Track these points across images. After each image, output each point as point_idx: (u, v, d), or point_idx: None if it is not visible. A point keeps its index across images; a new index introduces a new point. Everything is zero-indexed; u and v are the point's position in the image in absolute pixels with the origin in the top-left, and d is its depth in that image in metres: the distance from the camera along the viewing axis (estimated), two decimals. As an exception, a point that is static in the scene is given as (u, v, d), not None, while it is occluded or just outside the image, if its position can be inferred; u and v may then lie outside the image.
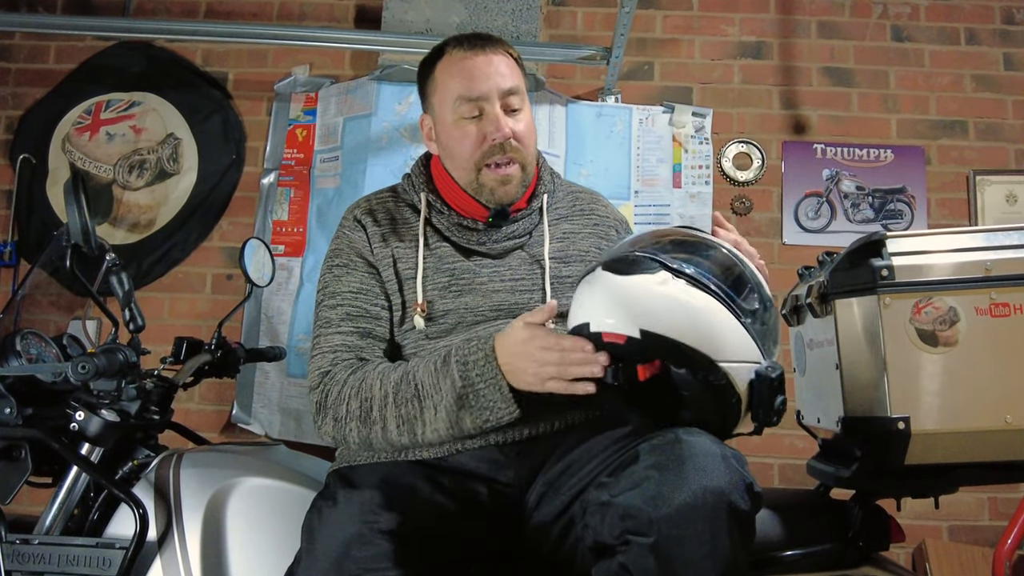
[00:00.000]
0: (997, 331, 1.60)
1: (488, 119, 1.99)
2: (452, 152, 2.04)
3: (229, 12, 4.30)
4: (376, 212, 2.10)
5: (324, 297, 2.04)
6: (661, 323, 1.54)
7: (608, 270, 1.61)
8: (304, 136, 4.13)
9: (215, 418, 3.93)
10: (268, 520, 2.01)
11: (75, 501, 2.06)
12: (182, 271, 4.08)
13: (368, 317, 1.99)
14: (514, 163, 2.01)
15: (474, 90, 1.99)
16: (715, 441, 1.55)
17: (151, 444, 2.22)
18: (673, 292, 1.55)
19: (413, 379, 1.80)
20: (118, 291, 2.11)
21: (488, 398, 1.71)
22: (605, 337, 1.57)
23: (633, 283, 1.57)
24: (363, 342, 1.97)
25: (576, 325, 1.63)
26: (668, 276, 1.56)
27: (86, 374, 1.92)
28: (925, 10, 4.18)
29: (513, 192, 2.03)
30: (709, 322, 1.55)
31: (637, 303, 1.56)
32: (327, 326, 1.99)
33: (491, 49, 2.04)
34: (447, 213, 2.05)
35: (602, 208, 2.23)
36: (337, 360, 1.93)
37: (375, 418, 1.81)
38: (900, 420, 1.59)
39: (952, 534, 3.72)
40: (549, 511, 1.75)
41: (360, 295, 2.01)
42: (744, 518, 1.49)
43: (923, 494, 1.80)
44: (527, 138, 2.04)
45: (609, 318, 1.57)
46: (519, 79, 2.06)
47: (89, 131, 4.19)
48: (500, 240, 2.05)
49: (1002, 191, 3.98)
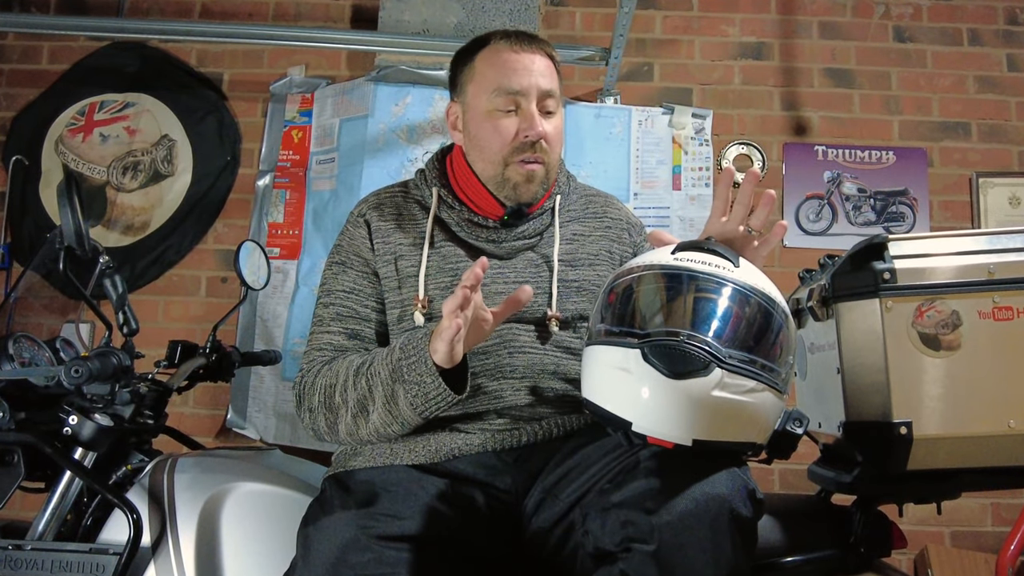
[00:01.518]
0: (1000, 335, 1.60)
1: (524, 115, 2.00)
2: (480, 143, 2.04)
3: (224, 12, 4.30)
4: (384, 206, 2.11)
5: (321, 294, 2.08)
6: (716, 430, 1.47)
7: (654, 366, 1.45)
8: (300, 137, 4.13)
9: (209, 422, 3.93)
10: (263, 526, 2.01)
11: (68, 506, 2.05)
12: (176, 274, 4.08)
13: (357, 318, 2.01)
14: (541, 163, 2.02)
15: (515, 83, 2.00)
16: (716, 447, 1.54)
17: (145, 449, 2.22)
18: (730, 396, 1.45)
19: (368, 363, 1.83)
20: (112, 294, 2.11)
21: (416, 371, 1.72)
22: (651, 440, 1.48)
23: (686, 389, 1.44)
24: (349, 343, 2.00)
25: (613, 416, 1.51)
26: (723, 375, 1.44)
27: (79, 378, 1.91)
28: (927, 10, 4.19)
29: (534, 191, 2.03)
30: (760, 413, 1.51)
31: (691, 412, 1.44)
32: (319, 324, 2.04)
33: (536, 49, 2.06)
34: (458, 208, 2.06)
35: (615, 211, 2.23)
36: (322, 358, 1.97)
37: (338, 403, 1.85)
38: (902, 425, 1.58)
39: (954, 540, 3.72)
40: (548, 517, 1.74)
41: (352, 295, 2.03)
42: (746, 524, 1.48)
43: (925, 499, 1.80)
44: (555, 142, 2.06)
45: (658, 424, 1.47)
46: (556, 84, 2.08)
47: (83, 132, 4.19)
48: (510, 240, 2.06)
49: (1005, 193, 3.98)
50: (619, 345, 1.53)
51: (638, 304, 1.59)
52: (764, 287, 1.57)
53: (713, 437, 1.47)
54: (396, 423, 1.80)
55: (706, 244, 1.62)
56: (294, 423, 3.80)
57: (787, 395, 1.56)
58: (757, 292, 1.55)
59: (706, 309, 1.52)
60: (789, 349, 1.58)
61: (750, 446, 1.53)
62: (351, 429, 1.85)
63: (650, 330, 1.51)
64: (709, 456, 1.50)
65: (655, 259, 1.61)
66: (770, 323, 1.54)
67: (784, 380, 1.55)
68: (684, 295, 1.55)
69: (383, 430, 1.82)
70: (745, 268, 1.58)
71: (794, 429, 1.55)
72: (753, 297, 1.54)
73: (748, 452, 1.54)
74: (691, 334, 1.46)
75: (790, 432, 1.55)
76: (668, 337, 1.48)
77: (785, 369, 1.55)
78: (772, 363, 1.51)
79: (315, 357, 1.99)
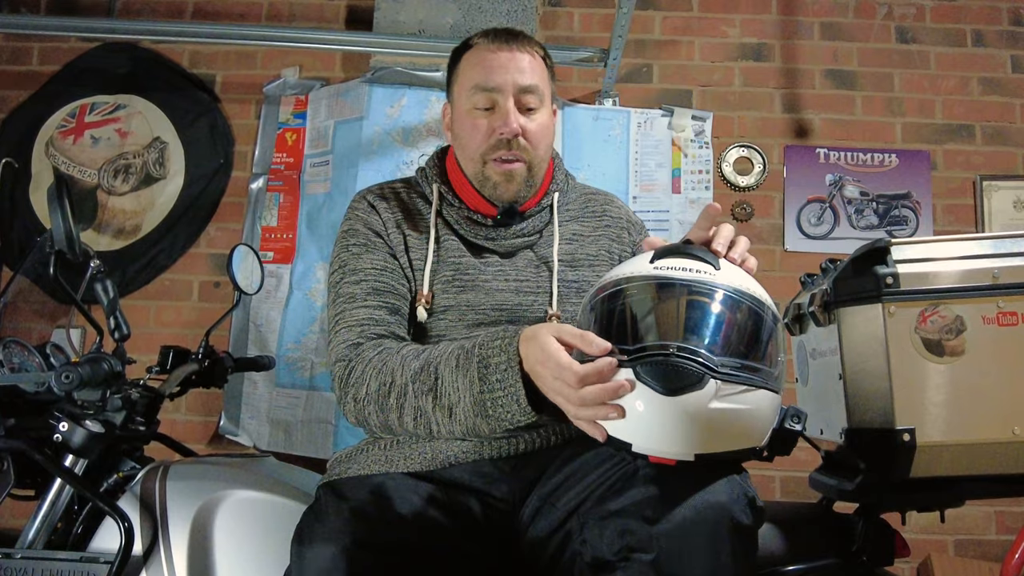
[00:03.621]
0: (1005, 341, 1.60)
1: (499, 113, 2.01)
2: (462, 141, 2.07)
3: (217, 12, 4.30)
4: (388, 199, 2.11)
5: (344, 275, 2.01)
6: (717, 442, 1.46)
7: (648, 384, 1.43)
8: (294, 140, 4.13)
9: (202, 429, 3.92)
10: (256, 534, 2.01)
11: (59, 514, 2.05)
12: (168, 278, 4.07)
13: (395, 294, 1.98)
14: (520, 161, 2.02)
15: (489, 81, 2.01)
16: (716, 453, 1.54)
17: (136, 456, 2.22)
18: (727, 406, 1.44)
19: (434, 372, 1.75)
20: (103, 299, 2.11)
21: (506, 408, 1.65)
22: (653, 459, 1.48)
23: (683, 405, 1.42)
24: (392, 318, 1.96)
25: (612, 438, 1.49)
26: (718, 385, 1.43)
27: (70, 384, 1.92)
28: (931, 11, 4.19)
29: (515, 190, 2.03)
30: (759, 417, 1.50)
31: (690, 428, 1.43)
32: (351, 301, 1.96)
33: (517, 46, 2.06)
34: (458, 206, 2.07)
35: (615, 209, 2.23)
36: (365, 334, 1.91)
37: (391, 405, 1.78)
38: (905, 432, 1.59)
39: (958, 548, 3.72)
40: (545, 526, 1.74)
41: (385, 272, 2.00)
42: (746, 533, 1.49)
43: (928, 507, 1.80)
44: (538, 139, 2.04)
45: (658, 443, 1.46)
46: (541, 79, 2.07)
47: (73, 135, 4.18)
48: (509, 237, 2.06)
49: (1010, 197, 3.98)
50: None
51: (624, 318, 1.55)
52: (748, 287, 1.56)
53: (715, 449, 1.46)
54: (465, 440, 1.83)
55: (684, 249, 1.60)
56: (288, 430, 3.80)
57: (782, 392, 1.55)
58: (742, 293, 1.54)
59: (693, 317, 1.51)
60: (780, 347, 1.58)
61: (752, 451, 1.52)
62: (401, 429, 1.81)
63: (638, 345, 1.48)
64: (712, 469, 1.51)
65: (634, 270, 1.59)
66: (758, 323, 1.54)
67: (778, 378, 1.55)
68: (668, 305, 1.54)
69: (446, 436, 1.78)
70: (726, 270, 1.57)
71: (793, 426, 1.56)
72: (738, 299, 1.53)
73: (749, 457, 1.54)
74: (681, 345, 1.44)
75: (789, 429, 1.56)
76: (658, 352, 1.45)
77: (778, 367, 1.55)
78: (765, 364, 1.51)
79: (357, 332, 1.91)
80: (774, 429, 1.55)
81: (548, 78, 2.11)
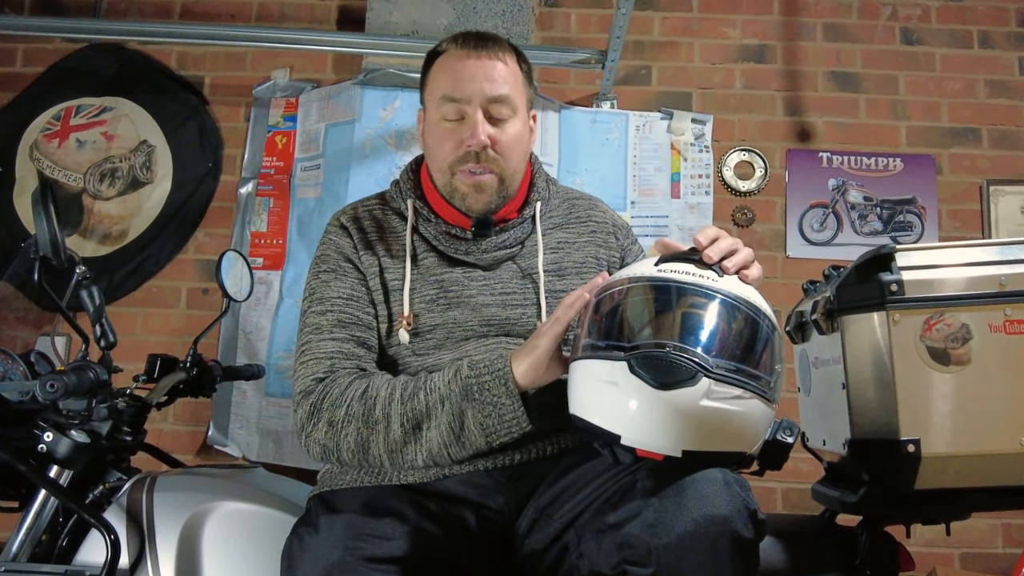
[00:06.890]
0: (1012, 349, 1.61)
1: (466, 124, 2.00)
2: (431, 152, 2.08)
3: (205, 13, 4.30)
4: (362, 219, 2.11)
5: (312, 303, 2.03)
6: (705, 440, 1.50)
7: (641, 377, 1.49)
8: (284, 143, 4.12)
9: (190, 439, 3.91)
10: (246, 546, 2.01)
11: (43, 526, 2.05)
12: (155, 285, 4.06)
13: (361, 325, 1.99)
14: (490, 172, 2.01)
15: (457, 91, 2.00)
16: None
17: (123, 467, 2.22)
18: (718, 405, 1.48)
19: (424, 380, 1.81)
20: (88, 306, 2.11)
21: (493, 392, 1.71)
22: (640, 453, 1.51)
23: (674, 400, 1.47)
24: (360, 351, 1.97)
25: (602, 430, 1.54)
26: (710, 384, 1.47)
27: (55, 393, 1.91)
28: (936, 12, 4.19)
29: (485, 200, 2.03)
30: (749, 422, 1.54)
31: (679, 423, 1.48)
32: (318, 332, 1.98)
33: (488, 52, 2.04)
34: (434, 221, 2.06)
35: (600, 214, 2.23)
36: (336, 367, 1.93)
37: (378, 417, 1.79)
38: (910, 443, 1.59)
39: (964, 562, 3.72)
40: (541, 539, 1.74)
41: (351, 302, 2.01)
42: (747, 546, 1.49)
43: (934, 520, 1.80)
44: (509, 149, 2.03)
45: (647, 436, 1.50)
46: (514, 87, 2.05)
47: (58, 138, 4.18)
48: (489, 250, 2.06)
49: (1017, 202, 3.98)
50: (605, 358, 1.56)
51: (624, 317, 1.63)
52: (749, 296, 1.61)
53: (703, 447, 1.49)
54: (457, 444, 1.78)
55: (690, 255, 1.66)
56: (278, 440, 3.79)
57: (776, 404, 1.59)
58: (742, 301, 1.59)
59: (692, 320, 1.56)
60: (776, 357, 1.60)
61: (740, 455, 1.56)
62: (384, 446, 1.80)
63: (636, 342, 1.54)
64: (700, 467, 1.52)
65: (639, 271, 1.65)
66: (756, 332, 1.58)
67: (773, 389, 1.57)
68: (669, 307, 1.60)
69: (439, 451, 1.79)
70: (729, 277, 1.63)
71: (785, 438, 1.59)
72: (739, 306, 1.58)
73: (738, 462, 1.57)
74: (677, 345, 1.50)
75: (781, 441, 1.59)
76: (654, 348, 1.51)
77: (774, 378, 1.58)
78: (760, 371, 1.54)
79: (326, 365, 1.93)
80: (766, 440, 1.58)
81: (523, 84, 2.10)
